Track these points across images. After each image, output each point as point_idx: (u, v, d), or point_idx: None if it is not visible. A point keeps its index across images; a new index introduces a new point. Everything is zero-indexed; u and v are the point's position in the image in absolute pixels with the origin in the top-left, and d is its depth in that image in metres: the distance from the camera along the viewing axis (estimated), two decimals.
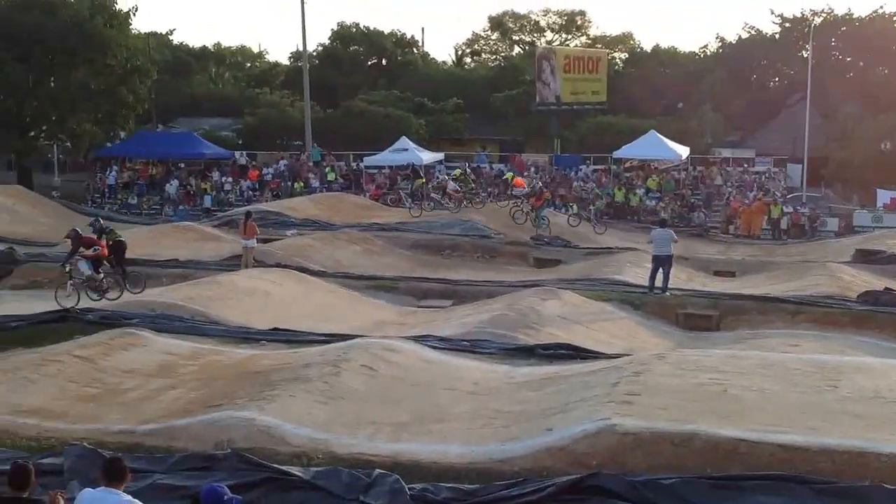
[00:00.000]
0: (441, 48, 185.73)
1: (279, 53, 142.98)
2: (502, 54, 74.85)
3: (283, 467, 9.35)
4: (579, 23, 72.32)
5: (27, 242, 29.66)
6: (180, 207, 43.12)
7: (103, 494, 6.81)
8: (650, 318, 20.49)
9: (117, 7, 47.96)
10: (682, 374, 11.90)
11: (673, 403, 10.57)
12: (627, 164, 47.20)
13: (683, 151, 44.95)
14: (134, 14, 48.69)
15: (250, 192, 45.96)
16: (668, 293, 21.82)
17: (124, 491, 6.95)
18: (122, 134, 52.10)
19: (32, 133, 49.18)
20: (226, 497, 6.63)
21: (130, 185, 47.05)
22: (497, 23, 73.86)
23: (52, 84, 47.41)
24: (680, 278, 24.32)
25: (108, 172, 47.88)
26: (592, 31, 72.77)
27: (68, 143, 51.20)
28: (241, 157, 51.16)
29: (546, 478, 9.00)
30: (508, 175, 37.92)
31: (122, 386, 13.38)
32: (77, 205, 40.63)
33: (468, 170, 41.27)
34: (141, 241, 29.19)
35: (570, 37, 72.52)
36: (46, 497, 7.12)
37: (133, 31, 50.30)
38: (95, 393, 13.02)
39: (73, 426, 11.42)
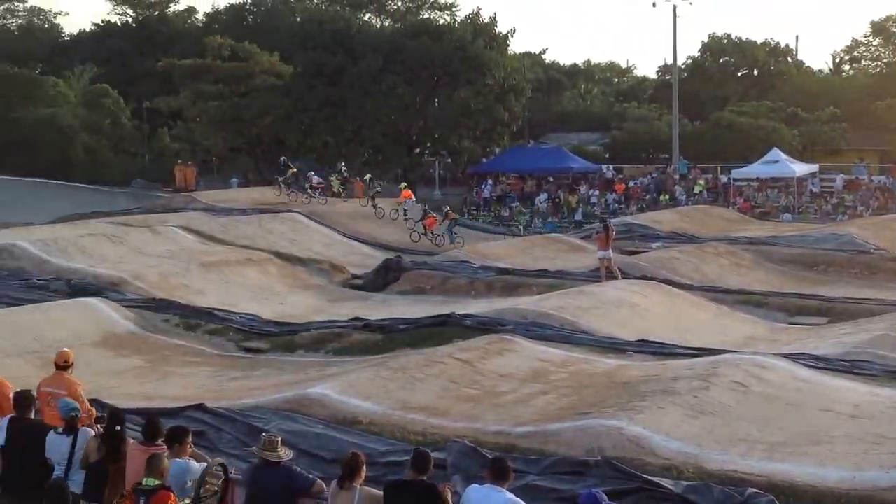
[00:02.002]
0: (817, 56, 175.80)
1: (647, 68, 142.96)
2: (884, 60, 69.41)
3: (654, 479, 9.44)
4: None
5: (412, 251, 31.96)
6: (549, 219, 44.46)
7: (489, 492, 7.16)
8: None
9: (497, 30, 50.57)
10: None
11: None
12: None
13: None
14: (512, 36, 51.14)
15: (616, 205, 46.41)
16: None
17: (508, 489, 7.28)
18: (497, 150, 54.75)
19: (418, 150, 53.12)
20: None
21: (503, 197, 49.25)
22: (879, 27, 68.66)
23: (437, 104, 50.85)
24: None
25: (483, 186, 50.50)
26: None
27: (449, 159, 54.73)
28: (607, 171, 51.84)
29: None
30: (402, 185, 39.45)
31: (497, 389, 14.03)
32: None
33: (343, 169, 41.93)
34: (512, 251, 30.57)
35: None
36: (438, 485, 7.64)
37: (510, 53, 52.67)
38: (474, 394, 13.76)
39: (455, 424, 12.14)
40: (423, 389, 13.71)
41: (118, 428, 8.54)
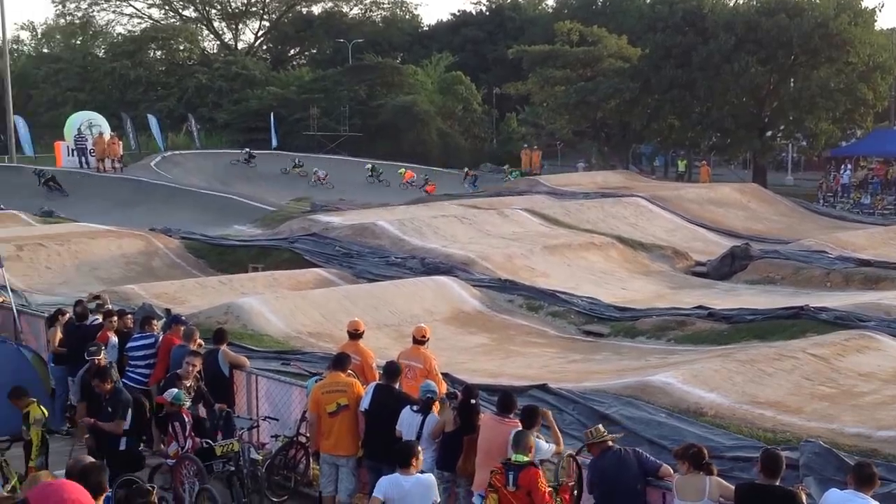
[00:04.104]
0: None
1: None
2: None
3: None
4: None
5: (760, 239, 30.56)
6: None
7: (851, 497, 6.72)
8: None
9: (864, 5, 47.15)
10: None
11: None
12: None
13: None
14: (880, 10, 47.48)
15: None
16: None
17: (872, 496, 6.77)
18: (859, 132, 51.07)
19: (770, 133, 50.75)
20: None
21: (864, 183, 45.91)
22: None
23: (792, 85, 48.30)
24: None
25: (842, 171, 47.31)
26: None
27: (804, 143, 51.82)
28: None
29: None
30: (401, 171, 46.30)
31: (856, 388, 13.28)
32: (808, 203, 40.75)
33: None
34: (873, 241, 28.36)
35: None
36: (793, 488, 7.29)
37: (877, 28, 48.94)
38: (829, 392, 13.08)
39: (808, 423, 11.63)
40: (772, 384, 13.26)
41: (472, 402, 8.91)
